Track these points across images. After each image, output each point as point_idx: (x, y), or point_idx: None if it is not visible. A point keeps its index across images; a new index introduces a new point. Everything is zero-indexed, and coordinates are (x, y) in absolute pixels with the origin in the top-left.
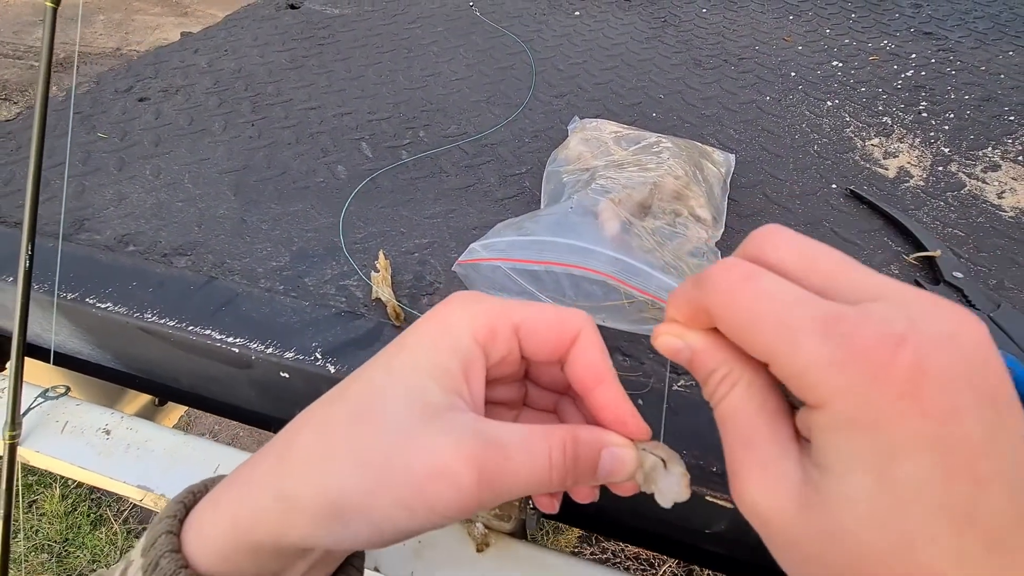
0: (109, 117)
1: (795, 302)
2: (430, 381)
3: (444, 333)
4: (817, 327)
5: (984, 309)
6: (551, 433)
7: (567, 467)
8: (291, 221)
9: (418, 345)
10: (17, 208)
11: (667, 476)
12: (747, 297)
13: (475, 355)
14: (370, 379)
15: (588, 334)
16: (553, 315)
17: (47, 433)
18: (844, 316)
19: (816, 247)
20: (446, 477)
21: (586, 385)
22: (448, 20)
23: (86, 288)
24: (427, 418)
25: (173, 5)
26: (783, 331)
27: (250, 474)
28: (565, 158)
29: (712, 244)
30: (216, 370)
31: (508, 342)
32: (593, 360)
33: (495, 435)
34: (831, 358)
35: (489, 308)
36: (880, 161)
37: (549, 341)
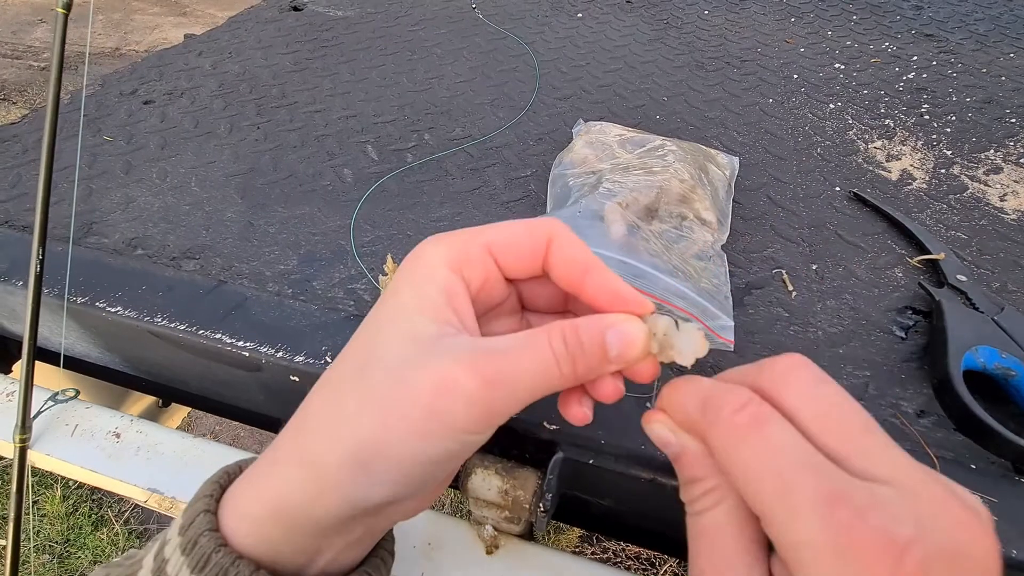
0: (115, 120)
1: (802, 466)
2: (417, 316)
3: (420, 270)
4: (820, 504)
5: (988, 312)
6: (549, 328)
7: (573, 355)
8: (298, 224)
9: (400, 288)
10: (25, 211)
11: (681, 334)
12: (752, 447)
13: (454, 282)
14: (365, 333)
15: (561, 234)
16: (522, 226)
17: (57, 436)
18: (850, 498)
19: (837, 400)
20: (451, 389)
21: (574, 281)
22: (451, 22)
23: (96, 292)
24: (422, 348)
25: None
26: (784, 497)
27: (275, 450)
28: (570, 161)
29: (718, 247)
30: (226, 374)
31: (483, 263)
32: (572, 255)
33: (492, 344)
34: (830, 545)
35: (457, 236)
36: (883, 164)
37: (523, 251)
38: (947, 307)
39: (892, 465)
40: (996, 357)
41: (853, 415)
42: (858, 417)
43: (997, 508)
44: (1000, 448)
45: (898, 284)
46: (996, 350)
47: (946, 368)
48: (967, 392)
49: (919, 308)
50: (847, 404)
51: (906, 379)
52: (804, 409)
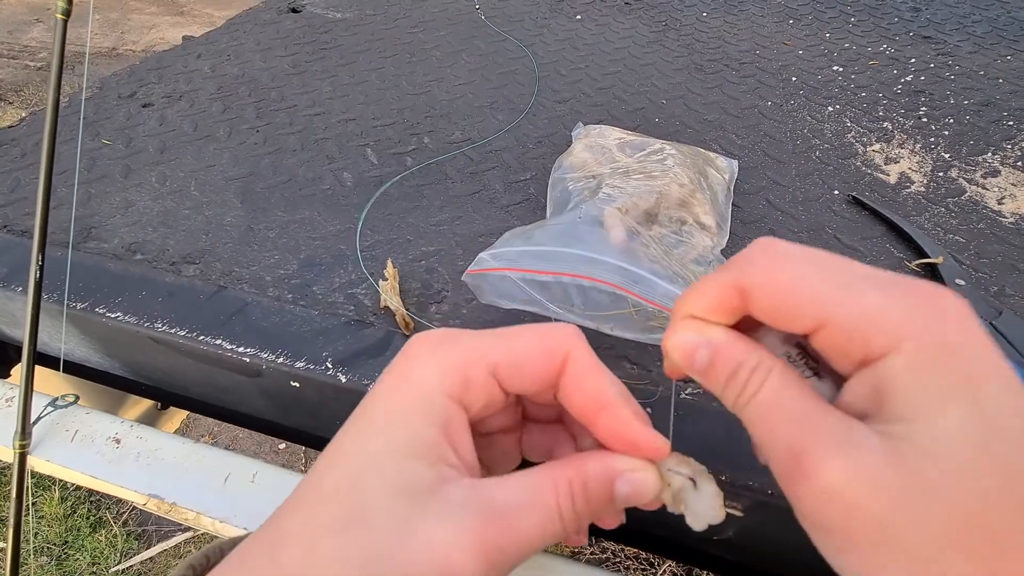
0: (113, 123)
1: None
2: (411, 460)
3: (413, 398)
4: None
5: (986, 316)
6: (556, 479)
7: (579, 512)
8: (298, 229)
9: (389, 420)
10: (24, 216)
11: (698, 496)
12: (795, 264)
13: (453, 413)
14: (346, 469)
15: (577, 357)
16: (533, 345)
17: (57, 442)
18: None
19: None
20: (455, 572)
21: (586, 414)
22: (450, 24)
23: (96, 298)
24: (418, 504)
25: (169, 4)
26: (840, 287)
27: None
28: (570, 165)
29: (717, 252)
30: (226, 379)
31: (486, 387)
32: (588, 387)
33: (496, 505)
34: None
35: (458, 356)
36: (881, 167)
37: (533, 376)
38: None
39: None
40: None
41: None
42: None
43: None
44: None
45: None
46: None
47: None
48: None
49: None
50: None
51: None
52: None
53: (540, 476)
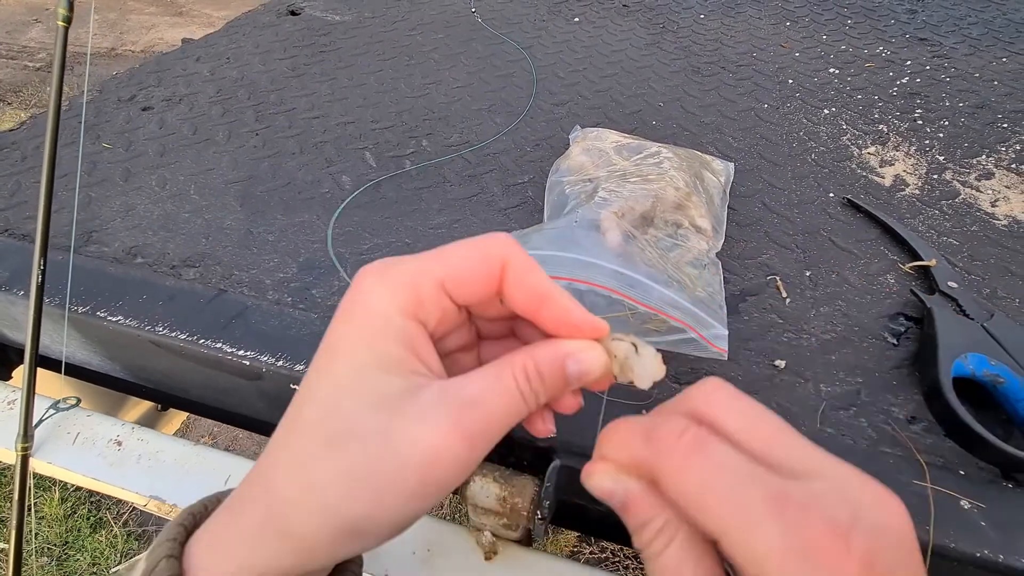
0: (113, 127)
1: (746, 477)
2: (381, 375)
3: (371, 321)
4: (770, 509)
5: (978, 319)
6: (512, 364)
7: (535, 389)
8: (297, 232)
9: (353, 345)
10: (25, 219)
11: (640, 359)
12: (700, 469)
13: (412, 329)
14: (322, 399)
15: (515, 260)
16: (473, 255)
17: (59, 445)
18: (792, 498)
19: (755, 410)
20: (442, 457)
21: (530, 310)
22: (448, 27)
23: (97, 301)
24: (395, 411)
25: (168, 4)
26: (738, 511)
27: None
28: (567, 168)
29: (712, 255)
30: (227, 382)
31: (439, 302)
32: (529, 283)
33: (466, 393)
34: (788, 547)
35: (405, 276)
36: (876, 169)
37: (479, 282)
38: (938, 314)
39: (814, 460)
40: (985, 364)
41: (772, 421)
42: (777, 422)
43: (985, 513)
44: (988, 454)
45: (890, 290)
46: (985, 357)
47: (936, 375)
48: (956, 399)
49: (911, 314)
50: (765, 413)
51: (897, 385)
52: (731, 424)
53: (500, 365)
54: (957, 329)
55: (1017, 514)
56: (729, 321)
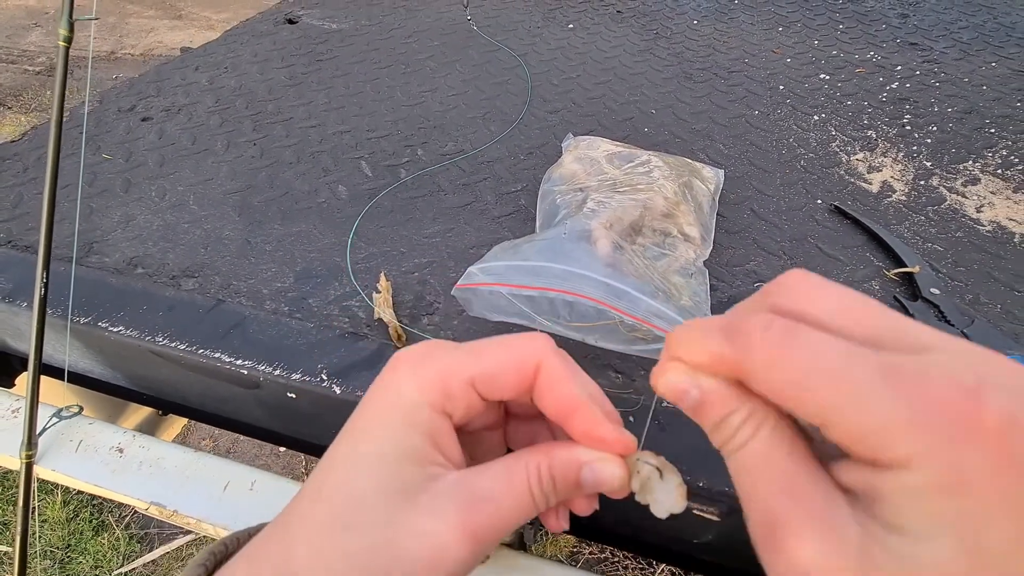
0: (113, 137)
1: (851, 355)
2: (400, 463)
3: (399, 409)
4: (884, 382)
5: (959, 325)
6: (527, 463)
7: (546, 491)
8: (294, 242)
9: (378, 432)
10: (27, 231)
11: (662, 487)
12: (797, 354)
13: (437, 422)
14: (343, 474)
15: (548, 367)
16: (507, 358)
17: (62, 452)
18: (908, 368)
19: (848, 294)
20: (447, 552)
21: (559, 417)
22: (444, 34)
23: (99, 312)
24: (409, 500)
25: (167, 8)
26: (846, 388)
27: None
28: (560, 176)
29: (700, 263)
30: (225, 391)
31: (466, 397)
32: (560, 393)
33: (477, 492)
34: (909, 416)
35: (438, 371)
36: (864, 175)
37: (508, 387)
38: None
39: (926, 336)
40: None
41: (868, 304)
42: (873, 304)
43: None
44: None
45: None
46: None
47: None
48: None
49: None
50: (858, 296)
51: None
52: (824, 310)
53: (514, 463)
54: None
55: None
56: None
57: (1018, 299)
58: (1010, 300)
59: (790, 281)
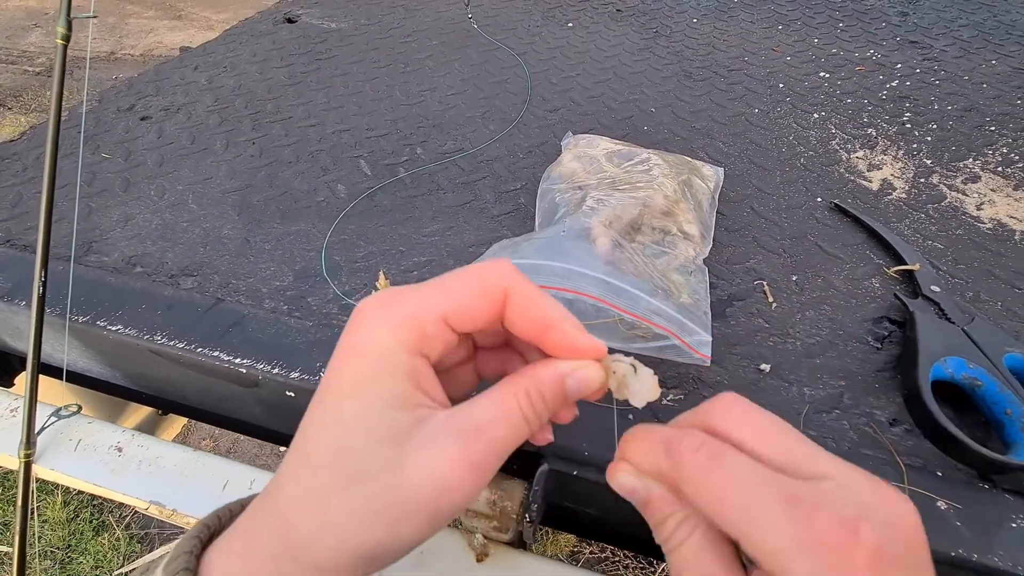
0: (112, 136)
1: (760, 482)
2: (388, 411)
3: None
4: (783, 508)
5: (959, 323)
6: (516, 388)
7: (539, 410)
8: (293, 240)
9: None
10: (26, 230)
11: (637, 380)
12: (718, 479)
13: (416, 364)
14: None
15: (517, 291)
16: (476, 287)
17: (61, 451)
18: (802, 497)
19: (768, 422)
20: (452, 487)
21: (533, 337)
22: (443, 33)
23: (97, 311)
24: (404, 445)
25: (167, 8)
26: (754, 513)
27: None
28: (559, 175)
29: (699, 261)
30: (224, 389)
31: (441, 335)
32: (533, 315)
33: (472, 422)
34: (800, 542)
35: (409, 312)
36: (864, 173)
37: (481, 316)
38: (919, 318)
39: (824, 464)
40: (964, 368)
41: (785, 431)
42: (789, 432)
43: (961, 514)
44: (965, 457)
45: (875, 295)
46: (964, 360)
47: (915, 379)
48: (934, 403)
49: (894, 318)
50: (777, 424)
51: (880, 388)
52: (746, 436)
53: (503, 391)
54: (938, 333)
55: (992, 514)
56: (716, 326)
57: (1018, 296)
58: (1010, 297)
59: (724, 405)
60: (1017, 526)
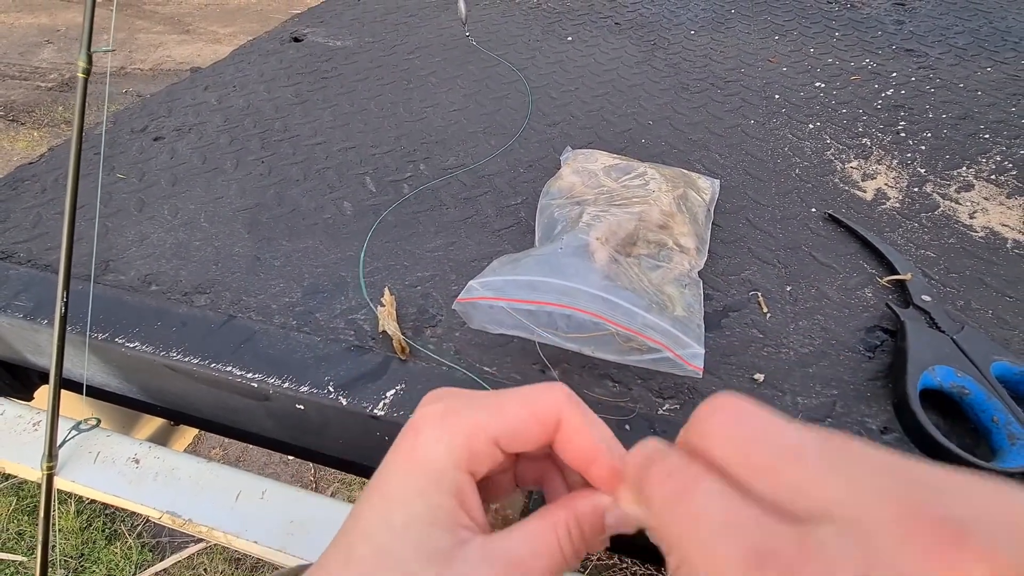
0: (127, 157)
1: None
2: (431, 528)
3: (427, 472)
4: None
5: (949, 331)
6: (555, 521)
7: (576, 544)
8: (301, 258)
9: (409, 494)
10: (46, 250)
11: None
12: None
13: (463, 482)
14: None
15: (569, 419)
16: (529, 413)
17: (81, 464)
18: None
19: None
20: None
21: (579, 467)
22: (446, 49)
23: (115, 328)
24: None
25: (175, 23)
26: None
27: None
28: (558, 189)
29: (694, 274)
30: (236, 403)
31: (490, 456)
32: (581, 445)
33: (510, 556)
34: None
35: (463, 431)
36: (858, 183)
37: (531, 441)
38: (910, 327)
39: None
40: (952, 376)
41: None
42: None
43: None
44: (952, 464)
45: (868, 304)
46: (952, 369)
47: (904, 388)
48: (922, 412)
49: (886, 327)
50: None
51: (871, 397)
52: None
53: (543, 524)
54: (927, 342)
55: None
56: (711, 336)
57: (1009, 304)
58: (1001, 305)
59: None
60: None
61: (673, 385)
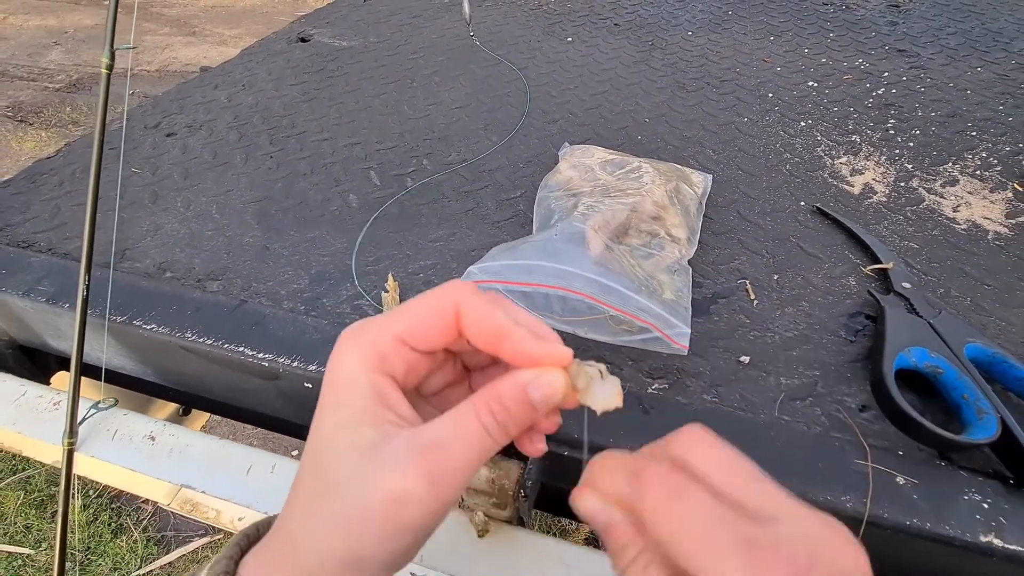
0: (141, 152)
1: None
2: (356, 428)
3: (344, 379)
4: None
5: (926, 316)
6: (476, 404)
7: (503, 422)
8: (309, 247)
9: (331, 403)
10: (65, 240)
11: (602, 385)
12: (678, 513)
13: (378, 383)
14: (312, 453)
15: (467, 305)
16: (430, 307)
17: (100, 440)
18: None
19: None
20: (405, 500)
21: (491, 348)
22: (448, 49)
23: (133, 312)
24: (370, 459)
25: (181, 25)
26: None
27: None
28: (556, 183)
29: (684, 262)
30: (248, 383)
31: (399, 353)
32: (484, 325)
33: (429, 438)
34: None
35: (368, 336)
36: (847, 178)
37: (434, 331)
38: (889, 312)
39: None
40: (926, 357)
41: (746, 470)
42: (750, 470)
43: (918, 488)
44: (925, 438)
45: (851, 292)
46: (927, 350)
47: (880, 368)
48: (896, 389)
49: (868, 313)
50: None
51: (851, 378)
52: (710, 471)
53: (463, 407)
54: (905, 326)
55: (945, 487)
56: (700, 322)
57: (987, 292)
58: (979, 293)
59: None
60: (968, 498)
61: (662, 365)
